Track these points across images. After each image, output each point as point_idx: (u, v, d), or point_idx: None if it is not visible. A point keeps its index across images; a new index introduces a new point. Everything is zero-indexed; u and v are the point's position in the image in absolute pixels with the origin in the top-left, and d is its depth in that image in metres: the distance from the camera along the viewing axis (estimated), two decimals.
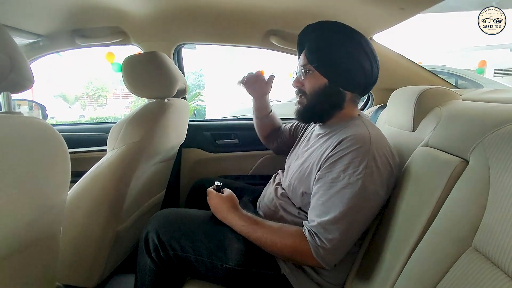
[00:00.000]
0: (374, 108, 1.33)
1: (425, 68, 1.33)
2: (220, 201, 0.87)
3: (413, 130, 0.90)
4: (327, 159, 0.77)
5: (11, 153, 0.45)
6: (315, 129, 0.95)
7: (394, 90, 1.08)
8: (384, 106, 1.26)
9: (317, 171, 0.79)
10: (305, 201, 0.84)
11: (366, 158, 0.72)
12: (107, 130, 0.99)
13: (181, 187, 1.54)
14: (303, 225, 0.77)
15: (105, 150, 0.97)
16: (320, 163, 0.79)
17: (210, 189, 0.93)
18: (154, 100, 1.06)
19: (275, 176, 1.05)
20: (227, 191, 0.91)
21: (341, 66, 0.82)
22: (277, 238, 0.77)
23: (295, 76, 0.91)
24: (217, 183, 0.97)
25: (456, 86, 1.48)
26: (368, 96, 1.50)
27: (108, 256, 1.00)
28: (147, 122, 0.97)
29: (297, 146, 1.01)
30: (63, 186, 0.59)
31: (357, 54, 0.82)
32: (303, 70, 0.86)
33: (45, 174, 0.53)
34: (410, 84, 1.05)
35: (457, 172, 0.62)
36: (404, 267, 0.64)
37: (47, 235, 0.61)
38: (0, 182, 0.44)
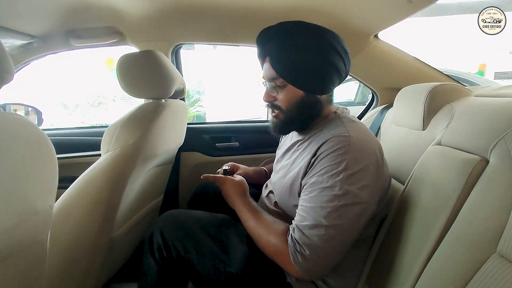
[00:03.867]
0: (379, 108, 1.29)
1: (432, 66, 1.29)
2: (231, 185, 0.85)
3: (423, 129, 0.86)
4: (308, 166, 0.73)
5: None
6: (294, 135, 0.88)
7: (400, 89, 1.04)
8: (390, 106, 1.22)
9: (301, 180, 0.74)
10: None
11: (345, 160, 0.67)
12: (101, 134, 0.95)
13: (180, 191, 1.49)
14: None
15: (99, 155, 0.93)
16: (302, 172, 0.74)
17: (221, 175, 0.93)
18: (151, 101, 1.02)
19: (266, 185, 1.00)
20: (238, 176, 0.89)
21: (316, 74, 0.75)
22: (264, 233, 0.74)
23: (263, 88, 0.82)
24: (225, 167, 0.97)
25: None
26: (373, 96, 1.45)
27: (103, 264, 0.94)
28: (142, 123, 0.92)
29: (281, 158, 0.93)
30: (48, 190, 0.54)
31: (330, 56, 0.73)
32: (273, 84, 0.77)
33: (27, 176, 0.48)
34: (417, 82, 1.01)
35: (477, 172, 0.57)
36: (421, 275, 0.59)
37: (30, 243, 0.56)
38: None
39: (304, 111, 0.78)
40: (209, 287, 0.82)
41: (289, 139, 0.91)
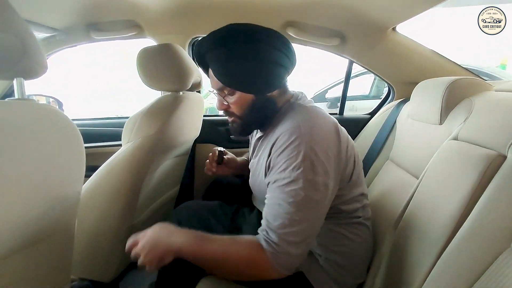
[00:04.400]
0: (395, 102, 1.28)
1: (451, 60, 1.26)
2: (156, 230, 0.71)
3: (440, 123, 0.85)
4: (267, 164, 0.73)
5: (23, 140, 0.44)
6: (258, 132, 0.88)
7: (417, 83, 1.03)
8: (406, 100, 1.21)
9: (265, 179, 0.74)
10: None
11: (301, 151, 0.66)
12: (121, 125, 0.98)
13: (196, 182, 1.53)
14: (259, 234, 0.70)
15: (120, 145, 0.96)
16: (263, 171, 0.75)
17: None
18: (169, 93, 1.04)
19: None
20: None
21: (259, 76, 0.74)
22: (230, 250, 0.68)
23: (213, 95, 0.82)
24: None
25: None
26: (389, 90, 1.44)
27: (124, 250, 0.98)
28: (162, 115, 0.95)
29: (252, 157, 0.92)
30: (77, 177, 0.57)
31: (267, 54, 0.72)
32: (222, 93, 0.77)
33: (59, 163, 0.51)
34: (435, 76, 0.99)
35: (493, 167, 0.57)
36: (433, 268, 0.60)
37: (60, 228, 0.60)
38: (11, 172, 0.42)
39: (258, 112, 0.78)
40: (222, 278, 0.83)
41: (254, 136, 0.91)
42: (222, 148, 1.03)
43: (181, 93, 1.07)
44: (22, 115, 0.45)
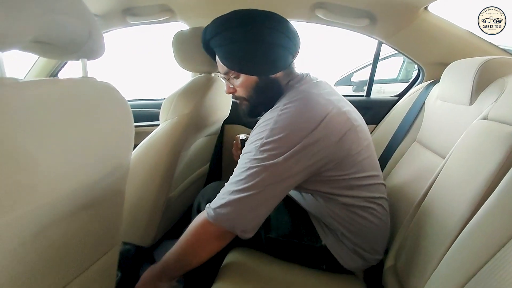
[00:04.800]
0: (425, 84, 1.27)
1: (486, 40, 1.22)
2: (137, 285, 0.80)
3: (470, 104, 0.85)
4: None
5: (91, 113, 0.51)
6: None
7: (448, 64, 1.01)
8: (436, 82, 1.19)
9: None
10: None
11: (267, 130, 0.69)
12: (156, 106, 1.05)
13: (223, 162, 1.60)
14: None
15: (156, 125, 1.03)
16: None
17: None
18: (202, 75, 1.10)
19: None
20: None
21: (260, 58, 0.77)
22: (182, 237, 0.76)
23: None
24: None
25: None
26: (419, 71, 1.42)
27: (160, 221, 1.08)
28: (196, 95, 1.01)
29: None
30: (128, 148, 0.64)
31: (267, 36, 0.75)
32: (227, 77, 0.82)
33: (115, 135, 0.58)
34: (468, 57, 0.98)
35: None
36: (452, 244, 0.60)
37: (113, 193, 0.67)
38: (82, 141, 0.49)
39: (263, 94, 0.80)
40: (252, 248, 0.90)
41: None
42: (244, 135, 1.07)
43: (213, 74, 1.12)
44: (90, 91, 0.51)
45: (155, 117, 1.05)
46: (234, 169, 0.74)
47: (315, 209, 0.82)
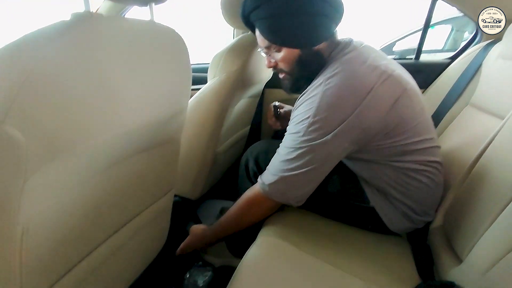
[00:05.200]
0: (483, 44, 1.18)
1: None
2: (188, 242, 0.92)
3: None
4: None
5: (157, 54, 0.54)
6: None
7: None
8: (496, 41, 1.11)
9: None
10: None
11: (313, 108, 0.68)
12: (197, 70, 1.06)
13: (263, 126, 1.62)
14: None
15: (197, 89, 1.07)
16: None
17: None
18: (249, 32, 1.10)
19: None
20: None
21: (302, 29, 0.73)
22: (233, 208, 0.81)
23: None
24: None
25: None
26: (476, 31, 1.32)
27: (207, 176, 1.14)
28: (243, 53, 1.02)
29: None
30: (187, 95, 0.68)
31: (308, 6, 0.71)
32: (269, 51, 0.80)
33: (177, 78, 0.62)
34: None
35: None
36: (506, 207, 0.59)
37: (171, 138, 0.72)
38: (151, 78, 0.53)
39: (306, 67, 0.77)
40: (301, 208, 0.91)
41: None
42: (277, 102, 1.06)
43: None
44: (159, 34, 0.54)
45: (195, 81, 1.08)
46: (281, 144, 0.76)
47: (364, 172, 0.82)
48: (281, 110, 1.04)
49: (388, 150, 0.74)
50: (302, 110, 0.71)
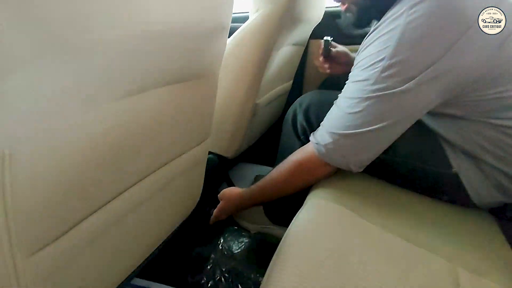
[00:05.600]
0: None
1: None
2: (222, 207, 0.85)
3: None
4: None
5: None
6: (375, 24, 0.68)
7: None
8: None
9: None
10: None
11: (392, 45, 0.52)
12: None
13: (305, 79, 1.44)
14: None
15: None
16: None
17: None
18: None
19: None
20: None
21: None
22: (277, 171, 0.70)
23: None
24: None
25: None
26: None
27: (245, 130, 0.99)
28: None
29: None
30: (229, 13, 0.53)
31: None
32: None
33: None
34: None
35: None
36: None
37: (207, 72, 0.58)
38: None
39: None
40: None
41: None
42: (330, 37, 0.88)
43: None
44: None
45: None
46: (341, 95, 0.62)
47: (450, 132, 0.63)
48: (336, 49, 0.89)
49: (487, 103, 0.57)
50: (373, 51, 0.55)
